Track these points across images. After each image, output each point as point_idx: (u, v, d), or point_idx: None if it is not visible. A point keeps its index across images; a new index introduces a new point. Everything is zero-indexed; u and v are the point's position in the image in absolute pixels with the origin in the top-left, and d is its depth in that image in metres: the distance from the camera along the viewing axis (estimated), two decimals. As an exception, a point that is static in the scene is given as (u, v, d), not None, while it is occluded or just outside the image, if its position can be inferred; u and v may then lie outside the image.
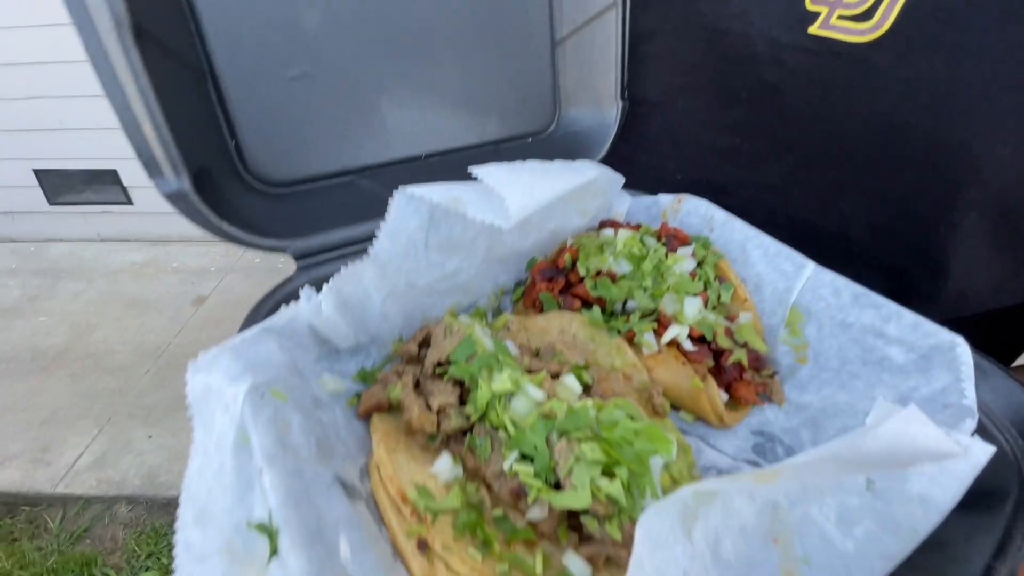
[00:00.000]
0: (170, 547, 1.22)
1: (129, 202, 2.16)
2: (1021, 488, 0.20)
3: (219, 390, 0.21)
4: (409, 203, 0.27)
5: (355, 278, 0.27)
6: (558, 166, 0.31)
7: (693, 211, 0.37)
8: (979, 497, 0.19)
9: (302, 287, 0.28)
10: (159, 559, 1.22)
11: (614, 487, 0.21)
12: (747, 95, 0.38)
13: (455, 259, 0.30)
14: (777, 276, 0.32)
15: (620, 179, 0.38)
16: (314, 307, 0.27)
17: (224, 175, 0.30)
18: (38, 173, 2.13)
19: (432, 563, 0.20)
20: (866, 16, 0.32)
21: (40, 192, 2.15)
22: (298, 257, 0.32)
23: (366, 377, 0.30)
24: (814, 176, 0.39)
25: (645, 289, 0.32)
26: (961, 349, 0.24)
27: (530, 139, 0.39)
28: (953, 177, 0.33)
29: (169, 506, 1.33)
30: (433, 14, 0.31)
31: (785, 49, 0.35)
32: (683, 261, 0.33)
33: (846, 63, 0.33)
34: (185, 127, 0.27)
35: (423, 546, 0.21)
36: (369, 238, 0.27)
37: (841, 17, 0.33)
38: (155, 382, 1.61)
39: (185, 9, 0.27)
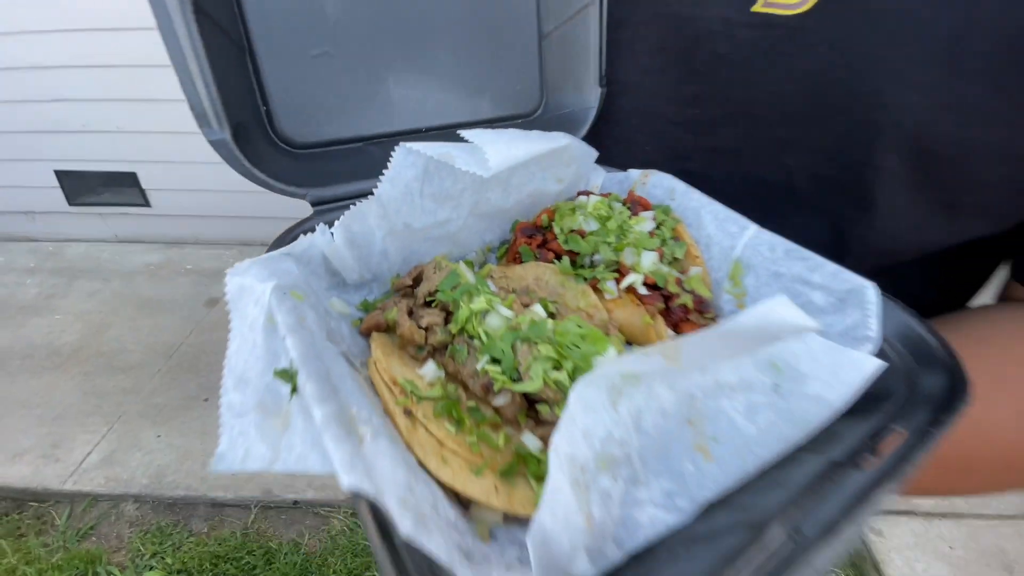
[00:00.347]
0: (174, 547, 1.22)
1: (147, 204, 2.20)
2: (906, 391, 0.26)
3: (250, 288, 0.26)
4: (408, 155, 0.32)
5: (361, 216, 0.33)
6: (536, 134, 0.37)
7: (658, 183, 0.42)
8: (870, 398, 0.25)
9: (317, 224, 0.33)
10: (163, 558, 1.21)
11: (561, 376, 0.27)
12: (704, 69, 0.43)
13: (446, 208, 0.36)
14: (724, 236, 0.38)
15: (593, 152, 0.43)
16: (326, 239, 0.33)
17: (257, 133, 0.36)
18: (59, 174, 2.17)
19: (415, 425, 0.25)
20: None
21: (60, 193, 2.20)
22: (314, 204, 0.37)
23: (368, 308, 0.36)
24: (762, 136, 0.43)
25: (609, 244, 0.38)
26: (871, 291, 0.29)
27: (520, 121, 0.46)
28: (874, 124, 0.38)
29: (175, 506, 1.33)
30: (435, 8, 0.38)
31: (734, 26, 0.40)
32: (644, 222, 0.39)
33: (783, 33, 0.39)
34: (228, 90, 0.33)
35: (408, 412, 0.26)
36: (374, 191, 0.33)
37: None
38: (165, 382, 1.62)
39: None
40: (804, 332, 0.26)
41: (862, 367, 0.26)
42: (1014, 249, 0.40)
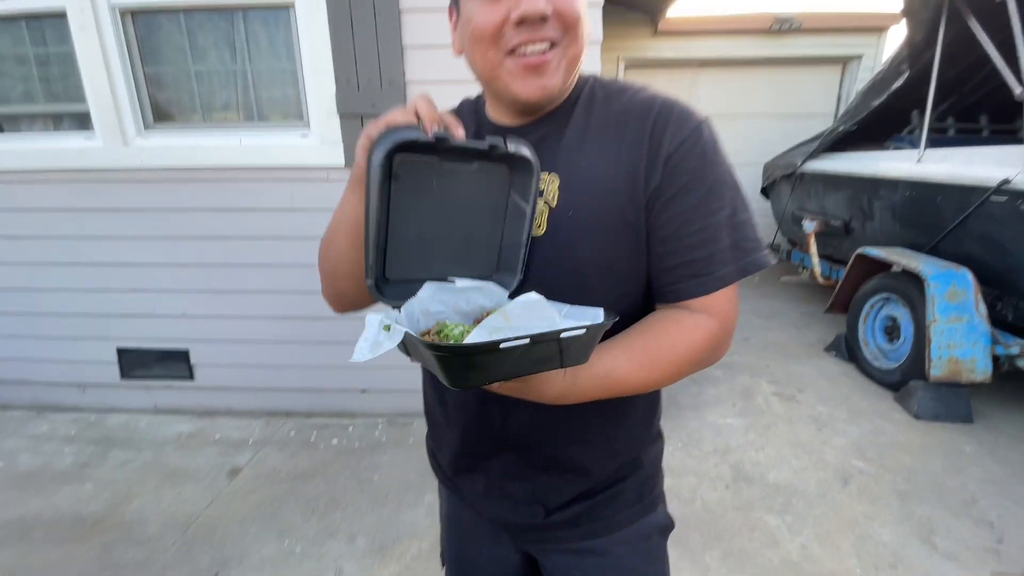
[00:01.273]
0: None
1: (191, 377, 2.46)
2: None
3: (374, 320, 0.45)
4: (429, 288, 0.54)
5: (408, 308, 0.52)
6: (489, 285, 0.57)
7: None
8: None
9: (399, 309, 0.52)
10: None
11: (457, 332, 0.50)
12: None
13: (443, 307, 0.56)
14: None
15: (505, 294, 0.58)
16: (397, 314, 0.51)
17: (380, 276, 0.54)
18: (120, 351, 2.49)
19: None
20: None
21: (116, 368, 2.49)
22: (394, 306, 0.54)
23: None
24: None
25: None
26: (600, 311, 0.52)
27: (484, 278, 0.63)
28: None
29: None
30: (468, 225, 0.56)
31: None
32: None
33: None
34: (382, 253, 0.54)
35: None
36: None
37: None
38: (178, 556, 1.68)
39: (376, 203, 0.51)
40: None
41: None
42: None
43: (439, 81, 1.96)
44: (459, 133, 0.48)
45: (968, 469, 2.07)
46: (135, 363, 2.48)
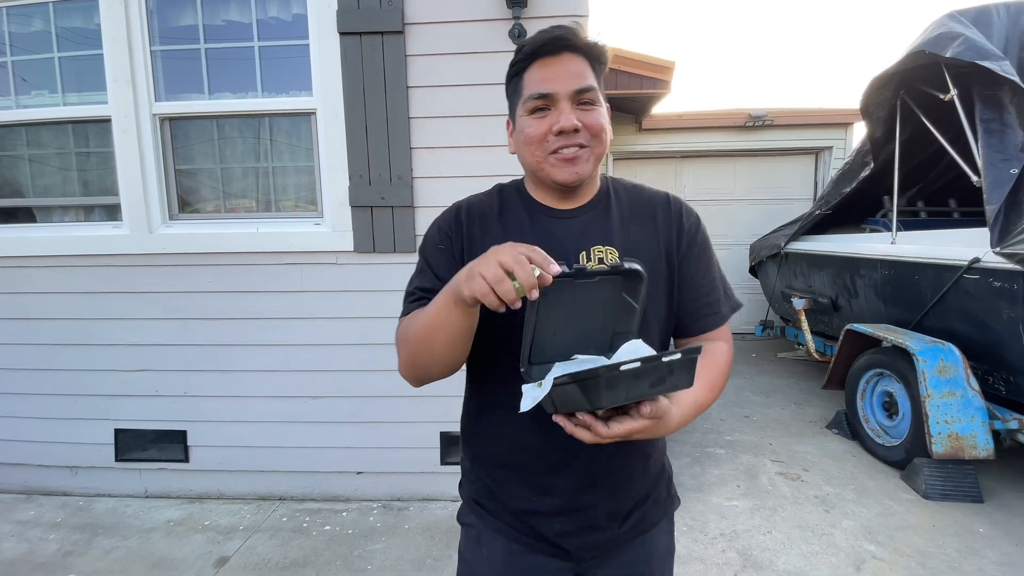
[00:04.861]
0: None
1: (186, 460, 2.43)
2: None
3: (525, 387, 0.59)
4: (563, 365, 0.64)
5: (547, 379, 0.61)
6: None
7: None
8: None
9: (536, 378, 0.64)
10: None
11: None
12: None
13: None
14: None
15: None
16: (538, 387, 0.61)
17: (527, 363, 0.67)
18: (117, 432, 2.47)
19: None
20: None
21: (112, 449, 2.46)
22: (532, 381, 0.65)
23: None
24: None
25: None
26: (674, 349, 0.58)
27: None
28: None
29: None
30: (587, 324, 0.67)
31: None
32: None
33: None
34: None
35: None
36: None
37: None
38: (157, 655, 1.58)
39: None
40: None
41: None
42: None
43: (441, 176, 2.18)
44: (554, 269, 0.56)
45: (984, 551, 2.00)
46: (131, 444, 2.46)
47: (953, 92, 2.71)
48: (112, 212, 2.40)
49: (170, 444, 2.44)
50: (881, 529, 2.17)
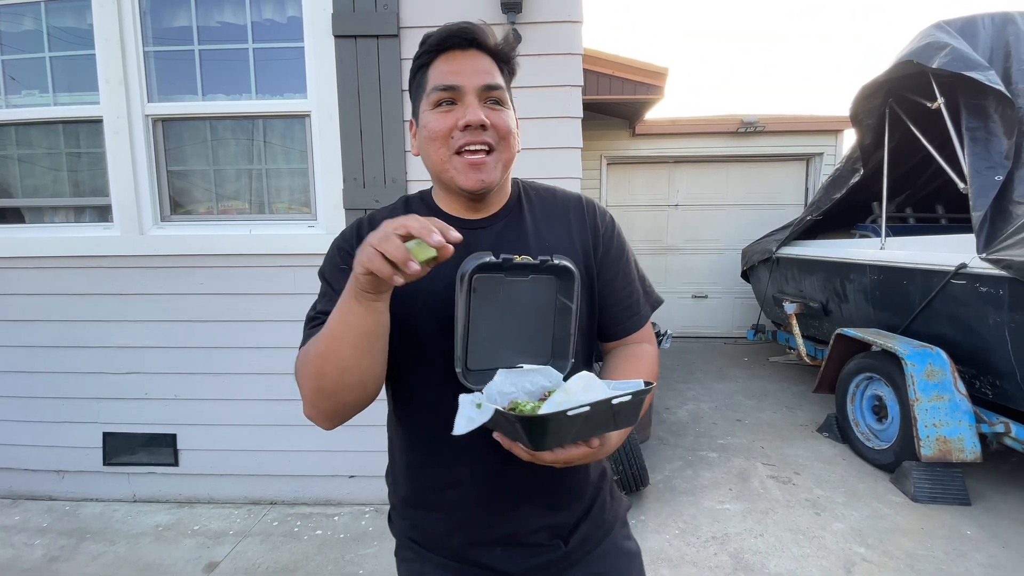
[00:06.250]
0: None
1: (175, 464, 2.40)
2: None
3: (463, 399, 0.55)
4: (502, 374, 0.62)
5: (488, 389, 0.61)
6: (547, 369, 0.65)
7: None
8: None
9: (481, 392, 0.60)
10: None
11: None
12: None
13: (515, 390, 0.63)
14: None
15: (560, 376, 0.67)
16: (481, 395, 0.58)
17: (465, 367, 0.64)
18: (106, 436, 2.44)
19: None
20: None
21: (100, 453, 2.43)
22: (473, 389, 0.63)
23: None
24: None
25: None
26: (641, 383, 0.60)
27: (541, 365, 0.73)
28: None
29: None
30: (528, 328, 0.67)
31: None
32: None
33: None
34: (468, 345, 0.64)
35: None
36: None
37: None
38: (144, 662, 1.56)
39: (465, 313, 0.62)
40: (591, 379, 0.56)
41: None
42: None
43: (437, 178, 2.17)
44: (453, 235, 0.54)
45: (971, 554, 2.02)
46: (120, 448, 2.43)
47: (940, 101, 2.76)
48: (103, 213, 2.38)
49: (159, 448, 2.41)
50: (871, 532, 2.19)
